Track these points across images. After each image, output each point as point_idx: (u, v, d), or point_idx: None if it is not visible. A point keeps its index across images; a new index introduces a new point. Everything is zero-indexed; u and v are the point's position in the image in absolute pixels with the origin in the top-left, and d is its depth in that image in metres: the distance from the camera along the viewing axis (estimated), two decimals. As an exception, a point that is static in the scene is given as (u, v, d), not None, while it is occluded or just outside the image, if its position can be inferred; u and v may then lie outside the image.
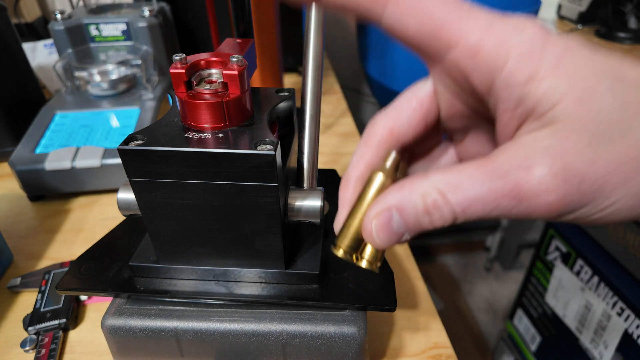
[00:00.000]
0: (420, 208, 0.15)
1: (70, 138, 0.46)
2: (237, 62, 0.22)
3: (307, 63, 0.25)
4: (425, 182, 0.15)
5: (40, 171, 0.42)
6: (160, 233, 0.24)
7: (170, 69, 0.22)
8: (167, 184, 0.22)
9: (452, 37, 0.14)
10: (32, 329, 0.30)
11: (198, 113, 0.22)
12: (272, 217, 0.23)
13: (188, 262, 0.26)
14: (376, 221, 0.15)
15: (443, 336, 0.31)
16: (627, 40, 0.89)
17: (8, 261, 0.37)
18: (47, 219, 0.43)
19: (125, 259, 0.28)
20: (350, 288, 0.26)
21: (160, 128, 0.22)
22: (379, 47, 0.74)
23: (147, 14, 0.53)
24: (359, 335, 0.25)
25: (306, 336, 0.25)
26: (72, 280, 0.27)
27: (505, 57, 0.14)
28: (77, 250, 0.39)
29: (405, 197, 0.15)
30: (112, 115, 0.48)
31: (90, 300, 0.34)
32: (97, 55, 0.52)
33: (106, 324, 0.25)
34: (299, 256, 0.26)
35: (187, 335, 0.25)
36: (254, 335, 0.25)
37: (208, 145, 0.21)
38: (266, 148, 0.21)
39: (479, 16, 0.14)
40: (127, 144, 0.21)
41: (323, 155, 0.53)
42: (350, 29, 1.03)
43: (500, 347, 0.95)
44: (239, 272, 0.26)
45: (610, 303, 0.61)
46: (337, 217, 0.19)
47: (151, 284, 0.26)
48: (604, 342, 0.63)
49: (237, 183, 0.22)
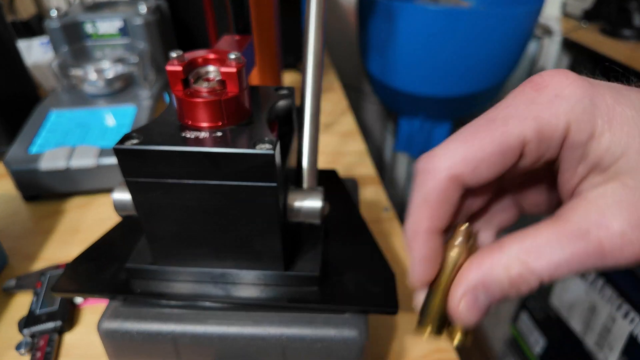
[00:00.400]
0: (505, 282, 0.15)
1: (65, 137, 0.45)
2: (236, 59, 0.21)
3: (307, 61, 0.25)
4: (504, 255, 0.15)
5: (35, 171, 0.42)
6: (157, 234, 0.24)
7: (167, 66, 0.22)
8: (164, 184, 0.22)
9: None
10: (28, 332, 0.30)
11: (195, 111, 0.21)
12: (272, 217, 0.22)
13: (185, 264, 0.25)
14: (464, 302, 0.16)
15: (446, 340, 0.31)
16: (632, 38, 0.89)
17: (3, 262, 0.37)
18: (43, 219, 0.42)
19: (122, 260, 0.27)
20: (351, 290, 0.25)
21: (156, 127, 0.22)
22: (379, 45, 0.73)
23: (144, 11, 0.53)
24: (360, 338, 0.24)
25: (306, 339, 0.24)
26: (68, 282, 0.26)
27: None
28: (73, 251, 0.39)
29: (488, 273, 0.15)
30: (108, 114, 0.48)
31: (86, 302, 0.33)
32: (93, 53, 0.52)
33: (102, 327, 0.25)
34: (299, 258, 0.26)
35: (185, 338, 0.25)
36: (253, 338, 0.25)
37: (206, 144, 0.20)
38: (265, 147, 0.20)
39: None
40: (123, 143, 0.21)
41: (323, 155, 0.52)
42: (351, 25, 1.02)
43: (504, 351, 0.94)
44: (238, 274, 0.25)
45: (615, 305, 0.61)
46: (416, 296, 0.19)
47: (148, 286, 0.26)
48: (609, 345, 0.63)
49: (235, 183, 0.21)
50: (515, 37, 0.69)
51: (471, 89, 0.73)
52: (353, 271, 0.26)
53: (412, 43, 0.68)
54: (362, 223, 0.30)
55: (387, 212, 0.43)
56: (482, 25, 0.64)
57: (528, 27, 0.69)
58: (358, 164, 0.50)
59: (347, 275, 0.26)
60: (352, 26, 1.03)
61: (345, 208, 0.32)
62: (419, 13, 0.65)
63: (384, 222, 0.41)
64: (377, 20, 0.70)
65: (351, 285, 0.26)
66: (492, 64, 0.71)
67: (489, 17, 0.64)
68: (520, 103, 0.16)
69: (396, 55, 0.71)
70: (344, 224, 0.30)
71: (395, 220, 0.42)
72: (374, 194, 0.46)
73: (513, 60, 0.74)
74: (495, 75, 0.74)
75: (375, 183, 0.47)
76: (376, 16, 0.70)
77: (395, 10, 0.66)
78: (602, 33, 0.94)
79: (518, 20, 0.66)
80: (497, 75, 0.74)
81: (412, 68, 0.71)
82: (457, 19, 0.63)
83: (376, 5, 0.68)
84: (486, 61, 0.70)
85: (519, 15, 0.65)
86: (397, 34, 0.68)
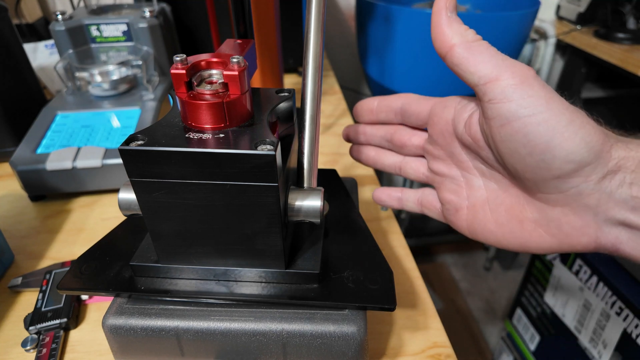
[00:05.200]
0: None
1: (71, 138, 0.46)
2: (238, 62, 0.22)
3: (307, 64, 0.25)
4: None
5: (41, 171, 0.42)
6: (161, 233, 0.24)
7: (171, 69, 0.22)
8: (168, 184, 0.22)
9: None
10: (33, 329, 0.31)
11: (198, 113, 0.22)
12: (272, 217, 0.23)
13: (188, 262, 0.26)
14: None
15: (442, 335, 0.31)
16: (626, 41, 0.89)
17: (9, 261, 0.38)
18: (48, 218, 0.43)
19: (126, 258, 0.28)
20: (350, 287, 0.26)
21: (161, 128, 0.22)
22: (378, 48, 0.74)
23: (148, 15, 0.53)
24: (358, 334, 0.25)
25: (306, 335, 0.25)
26: (73, 280, 0.27)
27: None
28: (78, 250, 0.39)
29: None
30: (113, 116, 0.48)
31: (91, 299, 0.34)
32: (98, 56, 0.53)
33: (107, 324, 0.26)
34: (299, 256, 0.27)
35: (188, 334, 0.25)
36: (254, 334, 0.25)
37: (208, 145, 0.21)
38: (266, 148, 0.21)
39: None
40: (128, 144, 0.21)
41: (323, 155, 0.53)
42: (350, 29, 1.03)
43: (500, 347, 0.95)
44: (240, 272, 0.26)
45: (609, 302, 0.61)
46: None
47: (152, 284, 0.26)
48: (602, 342, 0.63)
49: (237, 183, 0.22)
50: (510, 41, 0.69)
51: (467, 92, 0.73)
52: (352, 269, 0.27)
53: (410, 46, 0.68)
54: (361, 222, 0.31)
55: (385, 211, 0.43)
56: (478, 29, 0.64)
57: (523, 30, 0.70)
58: (357, 164, 0.51)
59: (346, 272, 0.27)
60: (352, 30, 1.03)
61: (344, 207, 0.32)
62: (417, 17, 0.65)
63: (382, 221, 0.42)
64: (375, 24, 0.70)
65: (350, 282, 0.26)
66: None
67: (485, 20, 0.64)
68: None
69: (394, 58, 0.71)
70: (343, 223, 0.31)
71: (393, 219, 0.42)
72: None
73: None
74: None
75: (373, 183, 0.48)
76: (375, 20, 0.70)
77: (394, 14, 0.66)
78: (597, 36, 0.94)
79: (513, 24, 0.66)
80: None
81: (410, 71, 0.71)
82: (456, 22, 0.64)
83: (375, 9, 0.69)
84: (484, 64, 0.70)
85: (514, 19, 0.66)
86: (395, 37, 0.68)
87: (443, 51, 0.23)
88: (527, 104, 0.20)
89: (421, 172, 0.30)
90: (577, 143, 0.20)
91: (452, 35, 0.23)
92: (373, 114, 0.31)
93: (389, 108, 0.30)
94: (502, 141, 0.22)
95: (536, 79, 0.21)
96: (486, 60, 0.22)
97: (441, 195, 0.28)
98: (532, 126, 0.20)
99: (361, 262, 0.27)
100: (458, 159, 0.27)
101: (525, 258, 1.34)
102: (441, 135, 0.27)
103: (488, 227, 0.25)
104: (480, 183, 0.26)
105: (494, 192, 0.25)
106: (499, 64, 0.21)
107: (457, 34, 0.23)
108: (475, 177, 0.26)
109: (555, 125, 0.20)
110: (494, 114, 0.21)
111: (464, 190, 0.27)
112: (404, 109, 0.29)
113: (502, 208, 0.25)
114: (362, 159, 0.33)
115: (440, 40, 0.23)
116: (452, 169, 0.27)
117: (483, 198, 0.26)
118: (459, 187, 0.27)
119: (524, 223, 0.24)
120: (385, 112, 0.30)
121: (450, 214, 0.28)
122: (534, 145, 0.20)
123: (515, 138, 0.21)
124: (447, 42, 0.23)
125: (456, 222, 0.27)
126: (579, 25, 1.00)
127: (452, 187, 0.27)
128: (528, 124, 0.20)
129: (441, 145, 0.28)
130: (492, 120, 0.22)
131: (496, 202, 0.25)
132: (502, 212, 0.25)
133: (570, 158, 0.20)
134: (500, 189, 0.25)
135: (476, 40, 0.23)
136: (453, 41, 0.23)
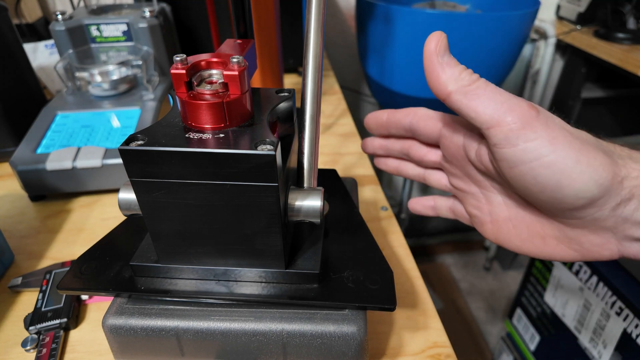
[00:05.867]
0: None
1: (71, 138, 0.46)
2: (238, 62, 0.22)
3: (307, 64, 0.25)
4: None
5: (41, 171, 0.42)
6: (161, 233, 0.24)
7: (171, 69, 0.22)
8: (168, 184, 0.22)
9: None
10: (33, 329, 0.31)
11: (198, 113, 0.22)
12: (272, 217, 0.23)
13: (188, 262, 0.26)
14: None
15: (442, 335, 0.31)
16: (626, 41, 0.89)
17: (9, 261, 0.38)
18: (48, 218, 0.43)
19: (126, 258, 0.28)
20: (350, 287, 0.26)
21: (161, 128, 0.22)
22: (378, 48, 0.74)
23: (148, 15, 0.53)
24: (358, 334, 0.25)
25: (306, 335, 0.25)
26: (73, 280, 0.27)
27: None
28: (78, 250, 0.39)
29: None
30: (113, 116, 0.48)
31: (91, 299, 0.34)
32: (98, 56, 0.53)
33: (107, 324, 0.26)
34: (299, 256, 0.27)
35: (188, 334, 0.25)
36: (254, 334, 0.25)
37: (208, 145, 0.21)
38: (266, 148, 0.21)
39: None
40: (128, 144, 0.21)
41: (323, 155, 0.53)
42: (351, 29, 1.03)
43: (500, 346, 0.95)
44: (240, 272, 0.26)
45: (609, 303, 0.61)
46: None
47: (152, 284, 0.26)
48: (602, 342, 0.63)
49: (237, 183, 0.22)
50: (510, 41, 0.69)
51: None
52: (352, 269, 0.27)
53: (409, 46, 0.68)
54: (361, 221, 0.31)
55: (385, 211, 0.43)
56: (478, 29, 0.65)
57: (523, 30, 0.70)
58: (357, 164, 0.51)
59: (346, 272, 0.27)
60: (352, 30, 1.03)
61: (344, 207, 0.32)
62: (416, 17, 0.65)
63: (382, 221, 0.42)
64: (375, 24, 0.71)
65: (350, 282, 0.26)
66: (487, 66, 0.71)
67: (485, 20, 0.64)
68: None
69: (394, 58, 0.71)
70: (343, 223, 0.31)
71: (392, 219, 0.42)
72: (372, 193, 0.46)
73: (508, 63, 0.75)
74: (491, 78, 0.74)
75: (373, 183, 0.48)
76: (375, 20, 0.70)
77: (394, 14, 0.66)
78: (597, 36, 0.94)
79: (514, 24, 0.67)
80: (492, 78, 0.75)
81: (409, 71, 0.71)
82: (454, 22, 0.64)
83: (375, 9, 0.69)
84: (482, 64, 0.70)
85: (514, 19, 0.66)
86: (395, 37, 0.68)
87: (441, 97, 0.23)
88: (531, 148, 0.20)
89: (443, 184, 0.30)
90: (585, 182, 0.20)
91: (448, 83, 0.22)
92: (384, 128, 0.31)
93: (399, 124, 0.30)
94: (513, 179, 0.22)
95: (538, 120, 0.20)
96: (485, 104, 0.21)
97: (466, 209, 0.29)
98: (539, 169, 0.20)
99: (361, 262, 0.27)
100: (475, 178, 0.27)
101: (525, 258, 1.34)
102: (454, 158, 0.27)
103: (513, 242, 0.26)
104: (500, 200, 0.26)
105: (514, 210, 0.26)
106: (498, 108, 0.21)
107: (451, 81, 0.22)
108: (494, 195, 0.26)
109: (563, 168, 0.20)
110: (501, 157, 0.21)
111: (485, 206, 0.27)
112: (412, 128, 0.29)
113: (524, 225, 0.25)
114: (388, 170, 0.33)
115: (436, 88, 0.23)
116: (471, 186, 0.27)
117: (505, 215, 0.26)
118: (480, 203, 0.27)
119: (546, 239, 0.24)
120: (395, 128, 0.30)
121: (478, 227, 0.28)
122: (543, 185, 0.21)
123: (525, 179, 0.21)
124: (443, 90, 0.22)
125: (484, 233, 0.28)
126: (579, 25, 1.00)
127: (474, 202, 0.28)
128: (535, 167, 0.20)
129: (456, 166, 0.27)
130: (500, 162, 0.22)
131: (517, 218, 0.25)
132: (524, 229, 0.25)
133: (580, 195, 0.20)
134: (519, 206, 0.25)
135: (472, 83, 0.22)
136: (449, 89, 0.22)
